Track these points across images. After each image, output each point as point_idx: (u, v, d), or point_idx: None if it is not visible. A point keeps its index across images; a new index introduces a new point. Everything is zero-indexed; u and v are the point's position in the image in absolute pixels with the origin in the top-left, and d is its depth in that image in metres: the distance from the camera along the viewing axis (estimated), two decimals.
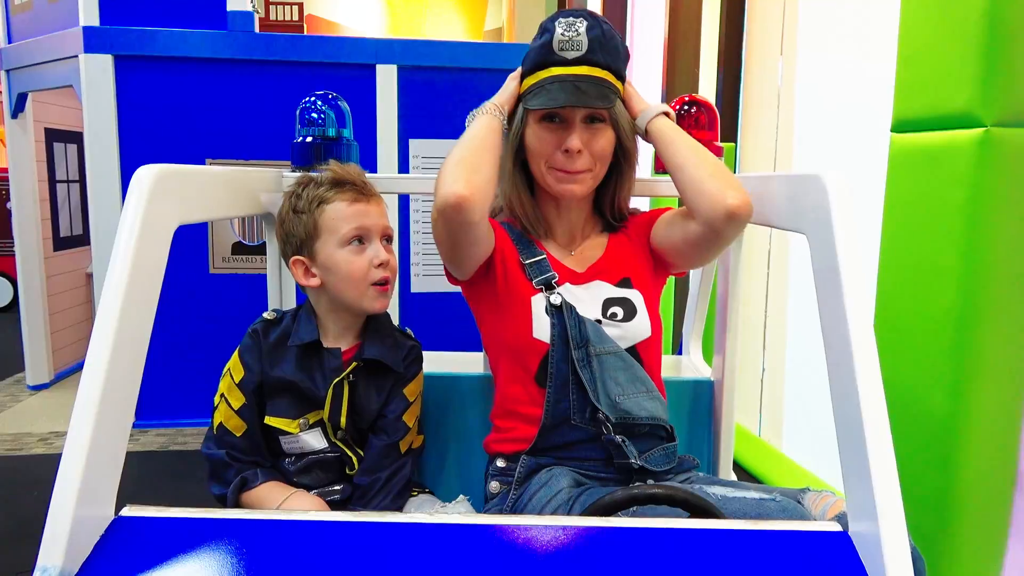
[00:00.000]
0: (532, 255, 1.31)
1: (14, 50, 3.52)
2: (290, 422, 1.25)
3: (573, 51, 1.22)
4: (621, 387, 1.24)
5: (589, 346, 1.23)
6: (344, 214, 1.24)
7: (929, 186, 1.54)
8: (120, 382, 0.86)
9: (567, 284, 1.30)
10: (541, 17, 7.92)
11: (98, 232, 3.15)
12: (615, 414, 1.22)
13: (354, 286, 1.24)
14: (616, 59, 1.25)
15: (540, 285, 1.27)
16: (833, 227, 0.89)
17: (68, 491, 0.79)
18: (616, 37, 1.25)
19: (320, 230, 1.25)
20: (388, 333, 1.32)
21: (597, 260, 1.35)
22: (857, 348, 0.82)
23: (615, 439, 1.21)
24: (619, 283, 1.32)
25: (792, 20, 2.96)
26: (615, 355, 1.25)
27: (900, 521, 0.76)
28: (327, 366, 1.26)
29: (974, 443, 1.51)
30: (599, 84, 1.22)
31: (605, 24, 1.24)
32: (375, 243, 1.26)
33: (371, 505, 1.24)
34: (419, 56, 3.25)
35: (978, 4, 1.43)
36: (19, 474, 2.83)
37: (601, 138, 1.26)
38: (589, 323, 1.25)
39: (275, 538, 0.83)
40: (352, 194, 1.26)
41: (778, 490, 1.16)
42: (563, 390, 1.24)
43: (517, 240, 1.34)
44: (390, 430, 1.28)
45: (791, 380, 3.02)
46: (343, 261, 1.24)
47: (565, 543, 0.82)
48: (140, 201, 0.92)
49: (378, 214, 1.27)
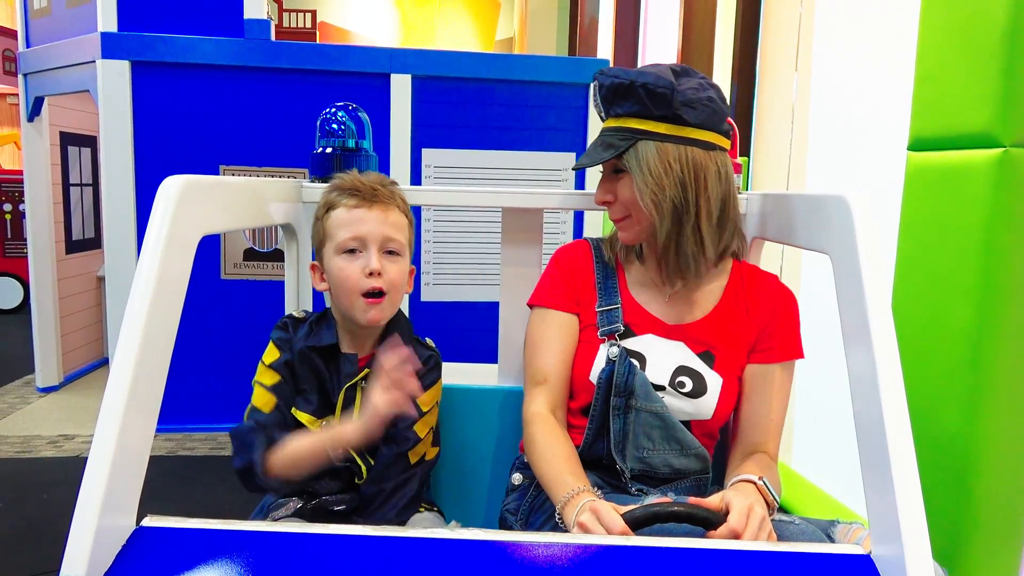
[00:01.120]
0: (608, 302, 1.30)
1: (32, 54, 3.55)
2: (314, 420, 1.25)
3: (602, 112, 1.27)
4: (652, 443, 1.23)
5: (632, 399, 1.22)
6: (342, 220, 1.24)
7: (946, 205, 1.54)
8: (144, 392, 0.86)
9: (649, 335, 1.27)
10: (553, 28, 7.95)
11: (111, 236, 3.17)
12: (636, 466, 1.23)
13: (345, 295, 1.24)
14: (632, 102, 1.20)
15: (604, 336, 1.27)
16: (858, 248, 0.89)
17: (92, 500, 0.80)
18: (626, 80, 1.19)
19: (326, 235, 1.25)
20: (406, 342, 1.31)
21: (692, 323, 1.29)
22: (882, 370, 0.82)
23: (629, 489, 1.22)
24: (701, 354, 1.27)
25: (808, 35, 2.96)
26: (656, 415, 1.23)
27: (925, 545, 0.75)
28: (343, 371, 1.26)
29: (990, 462, 1.50)
30: (613, 135, 1.22)
31: (611, 75, 1.21)
32: (370, 252, 1.23)
33: (375, 516, 1.23)
34: (433, 66, 3.27)
35: (998, 24, 1.43)
36: (28, 476, 2.84)
37: (619, 185, 1.25)
38: (640, 378, 1.22)
39: (295, 551, 0.83)
40: (355, 200, 1.24)
41: (806, 520, 1.15)
42: (600, 433, 1.24)
43: (601, 282, 1.32)
44: (400, 439, 1.27)
45: (802, 397, 3.01)
46: (337, 268, 1.24)
47: (581, 560, 0.82)
48: (167, 211, 0.92)
49: (378, 222, 1.24)
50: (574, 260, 1.34)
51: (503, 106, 3.33)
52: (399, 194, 1.31)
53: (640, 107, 1.19)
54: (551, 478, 1.15)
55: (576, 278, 1.32)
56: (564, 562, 0.81)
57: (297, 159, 3.25)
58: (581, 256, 1.34)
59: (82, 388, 3.96)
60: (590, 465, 1.25)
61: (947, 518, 1.53)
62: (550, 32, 7.89)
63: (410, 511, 1.29)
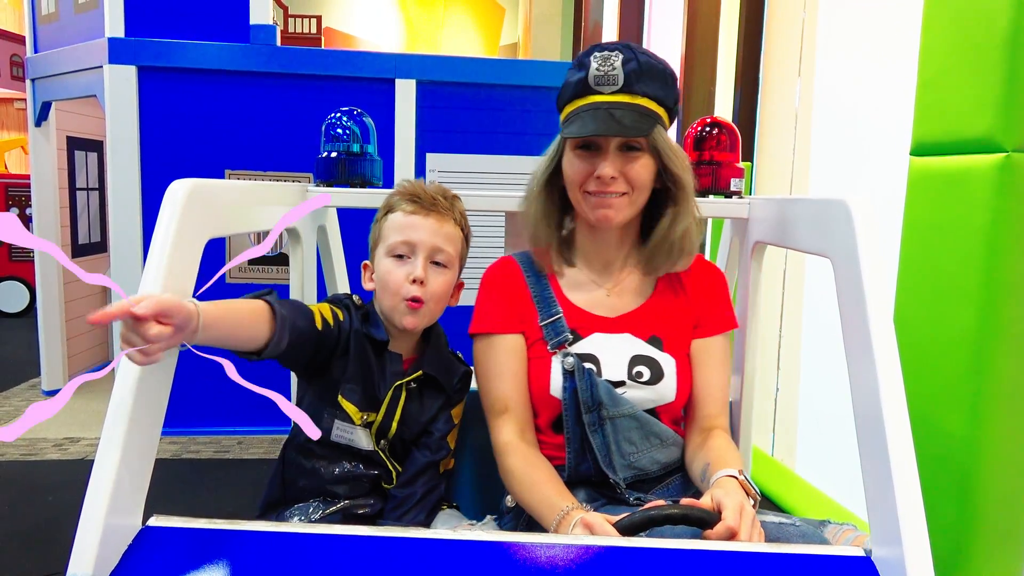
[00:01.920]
0: (549, 314, 1.28)
1: (40, 60, 3.58)
2: (357, 412, 1.26)
3: (609, 86, 1.20)
4: (635, 446, 1.23)
5: (602, 409, 1.22)
6: (397, 224, 1.26)
7: (949, 209, 1.55)
8: (150, 394, 0.87)
9: (595, 334, 1.27)
10: (557, 33, 7.98)
11: (118, 240, 3.18)
12: (628, 473, 1.23)
13: (389, 297, 1.25)
14: (658, 86, 1.21)
15: (554, 348, 1.26)
16: (858, 252, 0.90)
17: (99, 500, 0.80)
18: (658, 65, 1.21)
19: (380, 237, 1.28)
20: (445, 353, 1.35)
21: (632, 311, 1.30)
22: (882, 373, 0.82)
23: (627, 499, 1.22)
24: (649, 340, 1.28)
25: (811, 41, 2.97)
26: (629, 417, 1.23)
27: (925, 547, 0.76)
28: (389, 369, 1.27)
29: (992, 465, 1.51)
30: (635, 111, 1.19)
31: (643, 55, 1.20)
32: (418, 259, 1.24)
33: (405, 519, 1.25)
34: (437, 71, 3.28)
35: (999, 30, 1.44)
36: (34, 479, 2.85)
37: (636, 165, 1.21)
38: (603, 386, 1.22)
39: (302, 551, 0.84)
40: (414, 206, 1.26)
41: (797, 519, 1.15)
42: (581, 453, 1.24)
43: (537, 295, 1.30)
44: (434, 447, 1.30)
45: (805, 400, 3.01)
46: (384, 270, 1.26)
47: (585, 562, 0.83)
48: (174, 215, 0.93)
49: (430, 231, 1.25)
50: (506, 279, 1.32)
51: (507, 111, 3.34)
52: (459, 207, 1.31)
53: (663, 93, 1.21)
54: (537, 503, 1.16)
55: (512, 296, 1.30)
56: (572, 563, 0.82)
57: (302, 163, 3.27)
58: (511, 274, 1.33)
59: (87, 391, 3.92)
60: (581, 484, 1.25)
61: (950, 521, 1.53)
62: (554, 37, 7.92)
63: (434, 513, 1.30)
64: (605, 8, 6.23)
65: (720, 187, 1.50)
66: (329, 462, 1.27)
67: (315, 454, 1.27)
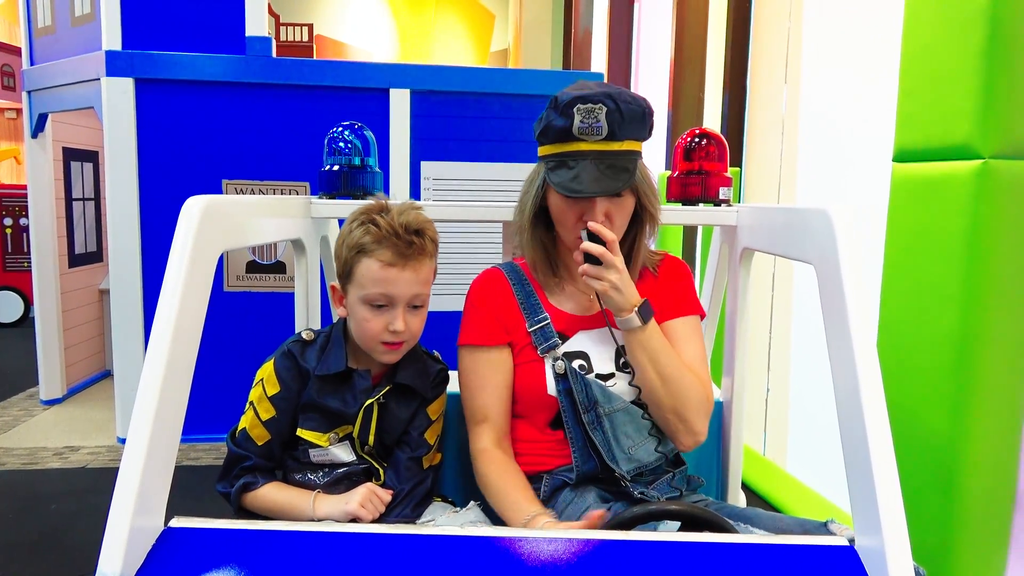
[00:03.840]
0: (536, 320, 1.34)
1: (36, 72, 3.61)
2: (321, 436, 1.31)
3: (594, 136, 1.24)
4: (631, 438, 1.29)
5: (598, 407, 1.28)
6: (374, 276, 1.23)
7: (930, 214, 1.60)
8: (171, 399, 0.92)
9: (580, 332, 1.34)
10: (547, 39, 8.04)
11: (115, 250, 3.21)
12: (631, 466, 1.28)
13: (365, 340, 1.28)
14: (637, 127, 1.27)
15: (544, 353, 1.32)
16: (839, 259, 0.95)
17: (125, 502, 0.85)
18: (637, 108, 1.25)
19: (352, 277, 1.25)
20: (418, 357, 1.37)
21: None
22: (863, 375, 0.88)
23: (633, 494, 1.27)
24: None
25: (796, 49, 3.03)
26: (622, 411, 1.30)
27: (903, 536, 0.81)
28: (357, 387, 1.31)
29: (975, 462, 1.56)
30: (619, 158, 1.25)
31: (624, 103, 1.24)
32: (398, 309, 1.24)
33: (393, 513, 1.29)
34: (432, 81, 3.33)
35: (977, 40, 1.49)
36: (35, 488, 2.87)
37: (622, 208, 1.29)
38: (595, 385, 1.29)
39: (318, 549, 0.88)
40: (391, 255, 1.22)
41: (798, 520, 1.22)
42: (586, 452, 1.30)
43: (523, 302, 1.36)
44: (414, 445, 1.34)
45: (795, 400, 3.07)
46: (361, 317, 1.26)
47: (583, 555, 0.87)
48: (190, 230, 0.98)
49: (409, 283, 1.24)
50: (492, 291, 1.38)
51: (500, 119, 3.40)
52: (430, 235, 1.28)
53: (641, 131, 1.28)
54: (507, 507, 1.24)
55: (499, 308, 1.36)
56: (558, 557, 0.87)
57: (298, 173, 3.31)
58: (498, 284, 1.39)
59: (85, 400, 4.00)
60: (589, 482, 1.31)
61: (934, 519, 1.58)
62: (544, 43, 7.98)
63: (423, 506, 1.35)
64: (595, 14, 6.30)
65: (709, 196, 1.56)
66: (322, 475, 1.33)
67: (303, 469, 1.33)
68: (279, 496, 1.29)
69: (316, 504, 1.26)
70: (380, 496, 1.26)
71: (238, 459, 1.30)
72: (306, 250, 1.55)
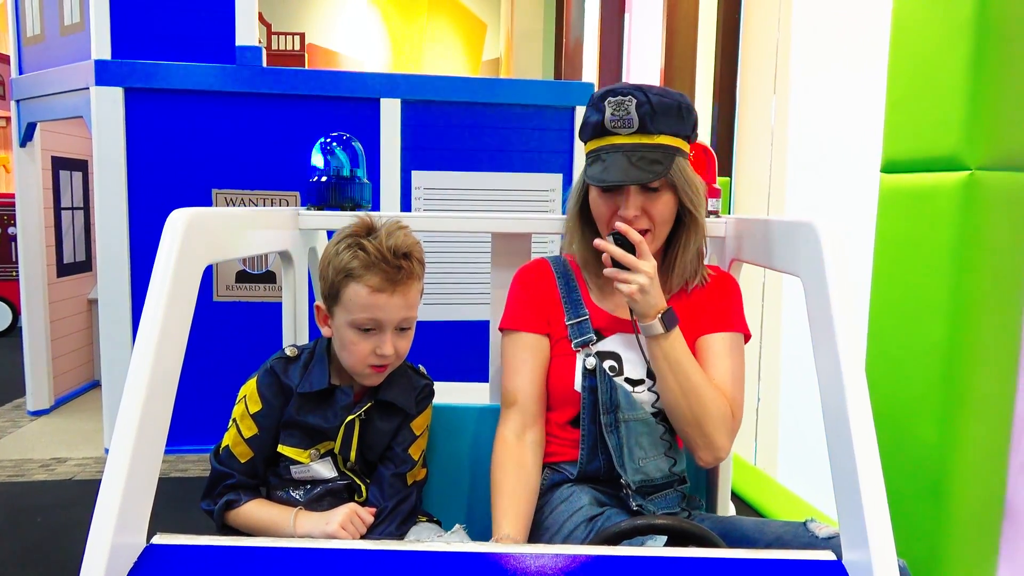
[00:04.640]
0: (576, 315, 1.35)
1: (25, 81, 3.60)
2: (301, 452, 1.30)
3: (626, 128, 1.25)
4: (644, 451, 1.29)
5: (619, 412, 1.28)
6: (361, 301, 1.21)
7: (918, 225, 1.61)
8: (154, 415, 0.91)
9: (618, 334, 1.34)
10: (539, 49, 8.07)
11: (104, 261, 3.19)
12: (637, 477, 1.28)
13: (352, 363, 1.27)
14: (672, 122, 1.26)
15: (578, 347, 1.32)
16: (826, 272, 0.95)
17: (106, 519, 0.84)
18: (671, 102, 1.26)
19: (340, 300, 1.23)
20: (402, 373, 1.36)
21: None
22: (849, 387, 0.87)
23: (631, 505, 1.27)
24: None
25: (784, 60, 3.05)
26: (642, 421, 1.29)
27: (891, 550, 0.81)
28: (338, 403, 1.30)
29: (964, 472, 1.56)
30: (652, 151, 1.25)
31: (655, 96, 1.24)
32: (386, 334, 1.23)
33: (377, 530, 1.28)
34: (422, 90, 3.33)
35: (964, 52, 1.50)
36: (22, 500, 2.84)
37: (658, 203, 1.28)
38: (621, 389, 1.28)
39: (302, 566, 0.87)
40: (378, 280, 1.20)
41: (782, 522, 1.21)
42: (594, 451, 1.30)
43: (566, 297, 1.37)
44: (397, 461, 1.33)
45: (785, 409, 3.07)
46: (348, 340, 1.24)
47: (570, 571, 0.87)
48: (174, 243, 0.97)
49: (398, 307, 1.23)
50: (537, 280, 1.39)
51: (491, 129, 3.40)
52: (417, 257, 1.26)
53: (679, 126, 1.28)
54: (494, 507, 1.25)
55: (542, 297, 1.37)
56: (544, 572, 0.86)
57: (288, 182, 3.30)
58: (543, 275, 1.40)
59: (73, 411, 3.97)
60: (587, 482, 1.31)
61: (924, 529, 1.59)
62: (536, 53, 8.02)
63: (408, 524, 1.34)
64: (586, 25, 6.34)
65: None
66: (304, 492, 1.32)
67: (285, 486, 1.32)
68: (261, 513, 1.28)
69: (297, 521, 1.25)
70: (362, 517, 1.25)
71: (221, 476, 1.30)
72: (294, 262, 1.54)
